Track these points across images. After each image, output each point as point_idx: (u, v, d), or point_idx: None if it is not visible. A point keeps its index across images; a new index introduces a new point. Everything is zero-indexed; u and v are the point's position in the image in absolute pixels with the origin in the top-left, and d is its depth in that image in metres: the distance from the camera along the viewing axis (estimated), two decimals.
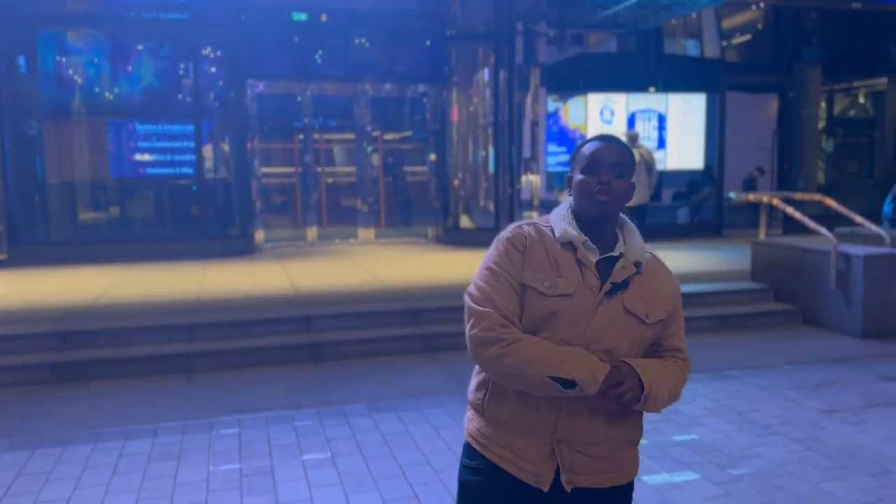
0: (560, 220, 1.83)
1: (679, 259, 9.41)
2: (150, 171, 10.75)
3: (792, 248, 7.34)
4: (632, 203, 9.91)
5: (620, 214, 1.87)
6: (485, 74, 11.45)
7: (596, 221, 1.80)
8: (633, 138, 10.10)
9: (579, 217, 1.83)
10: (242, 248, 10.40)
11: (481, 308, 1.75)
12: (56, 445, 4.27)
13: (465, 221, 11.52)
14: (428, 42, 11.90)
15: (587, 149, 1.83)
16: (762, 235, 7.97)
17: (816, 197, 8.00)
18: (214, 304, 6.97)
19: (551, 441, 1.76)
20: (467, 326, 1.77)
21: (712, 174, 12.80)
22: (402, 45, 11.83)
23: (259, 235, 11.11)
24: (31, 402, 5.16)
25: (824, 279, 6.88)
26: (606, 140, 1.84)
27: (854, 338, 6.66)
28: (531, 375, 1.67)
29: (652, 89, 12.23)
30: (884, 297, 6.63)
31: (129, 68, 10.59)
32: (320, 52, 11.71)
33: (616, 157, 1.80)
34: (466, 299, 1.80)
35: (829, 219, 8.19)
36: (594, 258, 1.79)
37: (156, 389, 5.42)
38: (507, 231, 1.85)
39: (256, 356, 6.02)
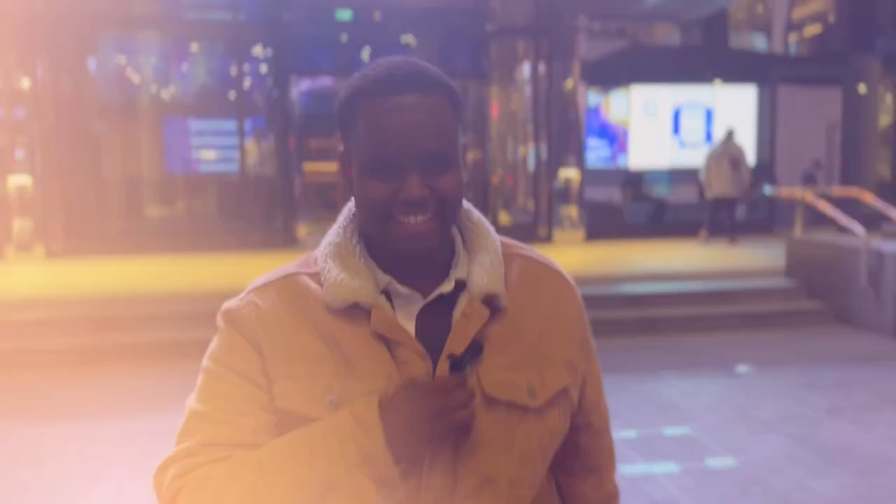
0: (332, 260, 0.97)
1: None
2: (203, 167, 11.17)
3: (825, 246, 7.10)
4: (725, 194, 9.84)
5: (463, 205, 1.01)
6: (524, 70, 11.44)
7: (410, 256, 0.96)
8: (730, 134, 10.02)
9: (373, 243, 0.98)
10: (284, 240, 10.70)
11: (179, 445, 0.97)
12: None
13: (503, 218, 11.54)
14: (468, 38, 11.96)
15: (367, 111, 0.91)
16: (798, 232, 7.73)
17: (854, 192, 7.71)
18: None
19: None
20: None
21: (764, 170, 12.43)
22: (444, 42, 11.90)
23: (301, 230, 11.40)
24: None
25: (857, 277, 6.64)
26: (398, 85, 0.91)
27: (884, 336, 6.41)
28: None
29: (717, 81, 11.88)
30: None
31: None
32: (367, 51, 11.91)
33: (422, 119, 0.90)
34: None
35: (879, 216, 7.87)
36: (413, 310, 0.96)
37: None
38: (229, 302, 1.00)
39: None
